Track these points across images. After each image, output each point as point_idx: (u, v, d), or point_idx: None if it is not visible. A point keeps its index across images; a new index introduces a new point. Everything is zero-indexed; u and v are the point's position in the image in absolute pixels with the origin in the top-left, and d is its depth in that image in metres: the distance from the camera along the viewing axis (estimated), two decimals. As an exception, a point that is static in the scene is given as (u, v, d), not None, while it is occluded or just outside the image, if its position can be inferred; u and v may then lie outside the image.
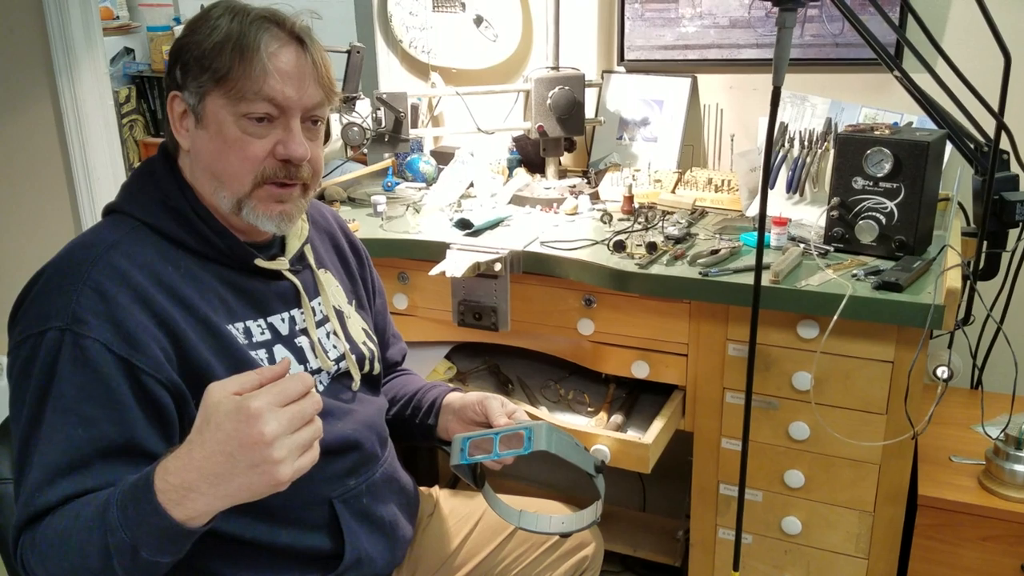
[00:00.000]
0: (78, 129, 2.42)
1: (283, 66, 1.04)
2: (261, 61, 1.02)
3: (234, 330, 1.08)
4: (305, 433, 0.85)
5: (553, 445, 1.11)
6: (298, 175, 1.08)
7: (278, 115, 1.05)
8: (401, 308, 1.82)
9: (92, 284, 0.98)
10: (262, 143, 1.05)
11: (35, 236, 2.56)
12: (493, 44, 2.17)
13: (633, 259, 1.58)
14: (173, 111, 1.07)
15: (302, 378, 0.86)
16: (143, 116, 3.95)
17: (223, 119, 1.04)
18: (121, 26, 3.86)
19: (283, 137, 1.06)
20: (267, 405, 0.82)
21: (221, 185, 1.07)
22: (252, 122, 1.04)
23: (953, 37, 1.80)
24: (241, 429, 0.81)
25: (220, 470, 0.83)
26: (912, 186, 1.49)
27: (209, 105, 1.04)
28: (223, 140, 1.04)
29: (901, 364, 1.43)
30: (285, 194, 1.09)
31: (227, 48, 1.02)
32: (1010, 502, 1.45)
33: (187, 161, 1.10)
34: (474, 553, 1.36)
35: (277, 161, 1.06)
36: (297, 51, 1.06)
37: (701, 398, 1.62)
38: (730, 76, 2.04)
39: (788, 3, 1.13)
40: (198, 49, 1.04)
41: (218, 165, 1.06)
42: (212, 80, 1.03)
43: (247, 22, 1.04)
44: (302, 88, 1.05)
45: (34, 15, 2.33)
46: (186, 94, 1.06)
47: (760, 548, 1.65)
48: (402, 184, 2.12)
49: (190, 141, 1.07)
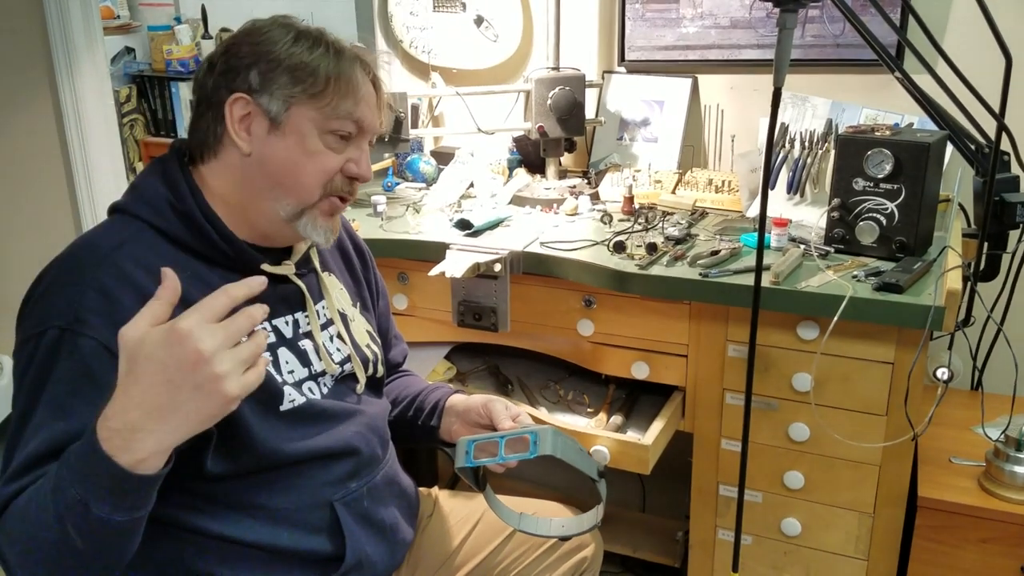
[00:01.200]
0: (79, 128, 2.41)
1: (368, 95, 1.11)
2: (359, 90, 1.09)
3: None
4: (246, 348, 0.80)
5: (559, 449, 1.12)
6: (354, 190, 1.14)
7: (356, 136, 1.10)
8: (401, 308, 1.82)
9: (96, 285, 0.98)
10: (337, 159, 1.10)
11: (36, 235, 2.56)
12: (494, 44, 2.16)
13: (633, 260, 1.58)
14: (235, 113, 1.06)
15: (225, 291, 0.80)
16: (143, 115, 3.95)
17: (308, 131, 1.07)
18: (122, 25, 3.86)
19: (355, 156, 1.11)
20: (197, 323, 0.77)
21: (285, 193, 1.08)
22: (335, 138, 1.09)
23: (954, 38, 1.80)
24: (175, 352, 0.76)
25: (163, 400, 0.77)
26: (912, 187, 1.49)
27: (295, 115, 1.06)
28: (303, 150, 1.07)
29: (901, 365, 1.43)
30: (341, 207, 1.14)
31: (322, 69, 1.06)
32: (1010, 504, 1.45)
33: (226, 163, 1.09)
34: (473, 554, 1.36)
35: (344, 177, 1.11)
36: (371, 82, 1.13)
37: (701, 399, 1.62)
38: (731, 77, 2.04)
39: (789, 4, 1.13)
40: (291, 59, 1.06)
41: (290, 174, 1.07)
42: (306, 92, 1.05)
43: (338, 46, 1.09)
44: (378, 116, 1.13)
45: (35, 15, 2.33)
46: (266, 99, 1.05)
47: (760, 549, 1.65)
48: (402, 184, 2.12)
49: (255, 146, 1.07)
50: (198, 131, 1.10)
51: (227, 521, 1.07)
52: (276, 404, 1.09)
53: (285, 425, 1.09)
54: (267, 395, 1.08)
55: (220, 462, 1.04)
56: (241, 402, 1.02)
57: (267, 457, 1.07)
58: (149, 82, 3.88)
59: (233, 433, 1.04)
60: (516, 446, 1.13)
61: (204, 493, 1.05)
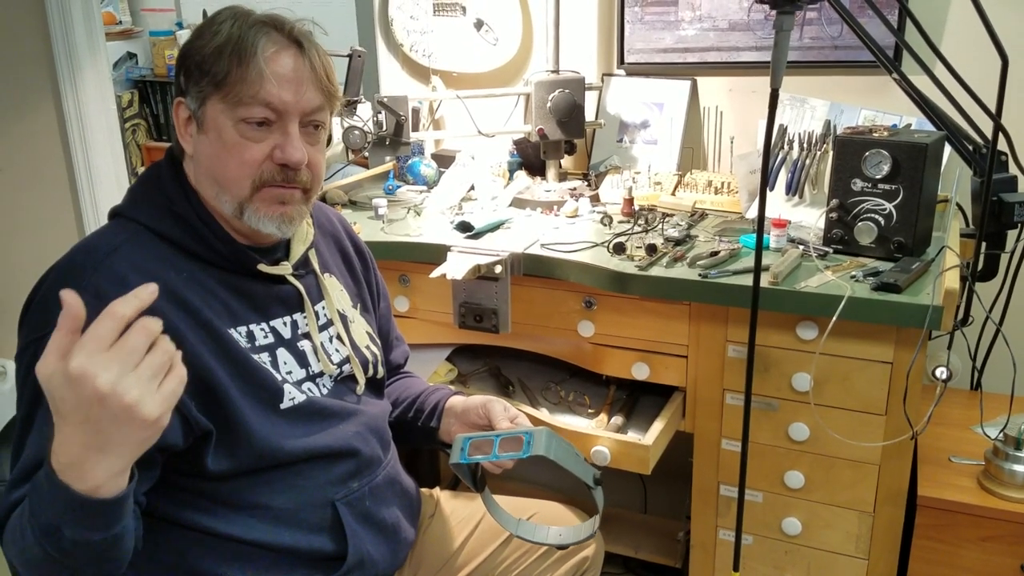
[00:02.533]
0: (81, 133, 2.43)
1: (280, 70, 1.04)
2: (258, 65, 1.03)
3: (236, 334, 1.09)
4: (150, 360, 0.76)
5: (552, 451, 1.12)
6: (296, 179, 1.09)
7: (276, 119, 1.06)
8: (402, 310, 1.83)
9: (93, 289, 0.98)
10: (260, 147, 1.06)
11: (39, 240, 2.57)
12: (494, 48, 2.17)
13: (633, 261, 1.58)
14: (179, 117, 1.09)
15: (109, 312, 0.75)
16: (146, 120, 3.97)
17: (222, 124, 1.05)
18: (124, 31, 3.88)
19: (281, 141, 1.06)
20: (87, 358, 0.73)
21: (222, 189, 1.08)
22: (250, 126, 1.05)
23: (951, 39, 1.81)
24: (79, 393, 0.74)
25: (90, 437, 0.77)
26: (911, 188, 1.50)
27: (209, 110, 1.06)
28: (222, 145, 1.06)
29: (900, 365, 1.44)
30: (286, 194, 1.09)
31: (225, 53, 1.03)
32: (1009, 502, 1.45)
33: (191, 166, 1.11)
34: (475, 554, 1.36)
35: (275, 165, 1.07)
36: (295, 55, 1.06)
37: (701, 399, 1.63)
38: (729, 79, 2.05)
39: (785, 6, 1.14)
40: (199, 55, 1.05)
41: (218, 170, 1.07)
42: (211, 85, 1.04)
43: (246, 26, 1.05)
44: (300, 92, 1.06)
45: (37, 20, 2.34)
46: (188, 99, 1.07)
47: (760, 549, 1.66)
48: (403, 187, 2.13)
49: (193, 146, 1.09)
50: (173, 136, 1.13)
51: (229, 520, 1.08)
52: (276, 402, 1.10)
53: (286, 423, 1.10)
54: (267, 393, 1.09)
55: (221, 460, 1.04)
56: (240, 401, 1.04)
57: (267, 455, 1.07)
58: (151, 87, 3.90)
59: (233, 431, 1.05)
60: (510, 445, 1.13)
61: (206, 492, 1.06)
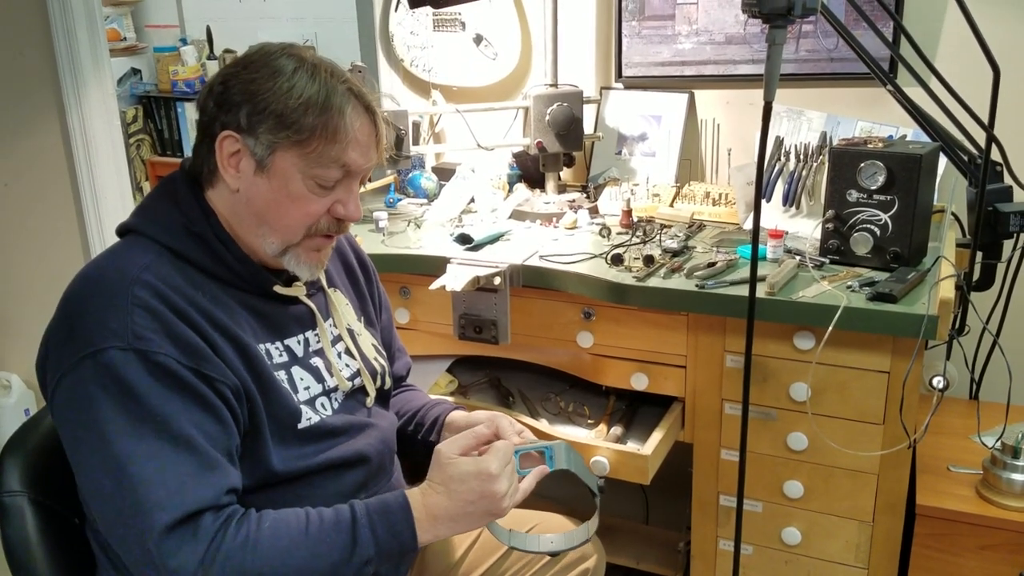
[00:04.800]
0: (85, 149, 2.45)
1: (361, 137, 1.08)
2: (347, 133, 1.05)
3: (259, 351, 1.10)
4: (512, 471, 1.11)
5: (572, 463, 1.15)
6: (343, 230, 1.14)
7: (343, 179, 1.09)
8: (402, 322, 1.84)
9: (139, 303, 0.98)
10: (323, 202, 1.09)
11: (43, 256, 2.59)
12: (493, 62, 2.20)
13: (631, 272, 1.60)
14: (226, 150, 1.06)
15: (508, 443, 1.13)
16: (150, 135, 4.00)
17: (292, 175, 1.06)
18: (128, 47, 3.92)
19: (343, 198, 1.10)
20: (499, 467, 1.07)
21: (272, 231, 1.09)
22: (321, 184, 1.07)
23: (945, 52, 1.83)
24: (485, 487, 1.06)
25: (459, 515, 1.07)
26: (906, 198, 1.51)
27: (279, 160, 1.05)
28: (287, 194, 1.06)
29: (897, 374, 1.44)
30: (328, 243, 1.14)
31: (312, 111, 1.04)
32: (1008, 511, 1.45)
33: (227, 197, 1.10)
34: (477, 565, 1.37)
35: (332, 218, 1.11)
36: (370, 122, 1.10)
37: (700, 409, 1.63)
38: (726, 92, 2.06)
39: (778, 20, 1.16)
40: (278, 104, 1.03)
41: (273, 214, 1.08)
42: (291, 139, 1.04)
43: (331, 87, 1.05)
44: (371, 157, 1.10)
45: (42, 37, 2.37)
46: (251, 141, 1.05)
47: (760, 559, 1.66)
48: (404, 200, 2.15)
49: (242, 183, 1.07)
50: (199, 155, 1.11)
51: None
52: (295, 423, 1.11)
53: (300, 442, 1.12)
54: (286, 413, 1.10)
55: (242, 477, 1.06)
56: (264, 419, 1.08)
57: (282, 474, 1.09)
58: (155, 103, 3.93)
59: (255, 450, 1.07)
60: (531, 462, 1.15)
61: None
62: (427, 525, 1.05)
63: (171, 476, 0.95)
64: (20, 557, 1.08)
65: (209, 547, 0.95)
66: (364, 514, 1.04)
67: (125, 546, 0.96)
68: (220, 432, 1.00)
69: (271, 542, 0.98)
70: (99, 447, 0.96)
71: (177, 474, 0.95)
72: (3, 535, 1.09)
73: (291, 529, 1.01)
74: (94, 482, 0.97)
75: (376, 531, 1.03)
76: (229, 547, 0.96)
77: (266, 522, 1.00)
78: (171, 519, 0.94)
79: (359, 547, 1.01)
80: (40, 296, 0.93)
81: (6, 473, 1.11)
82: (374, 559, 1.02)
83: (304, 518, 1.03)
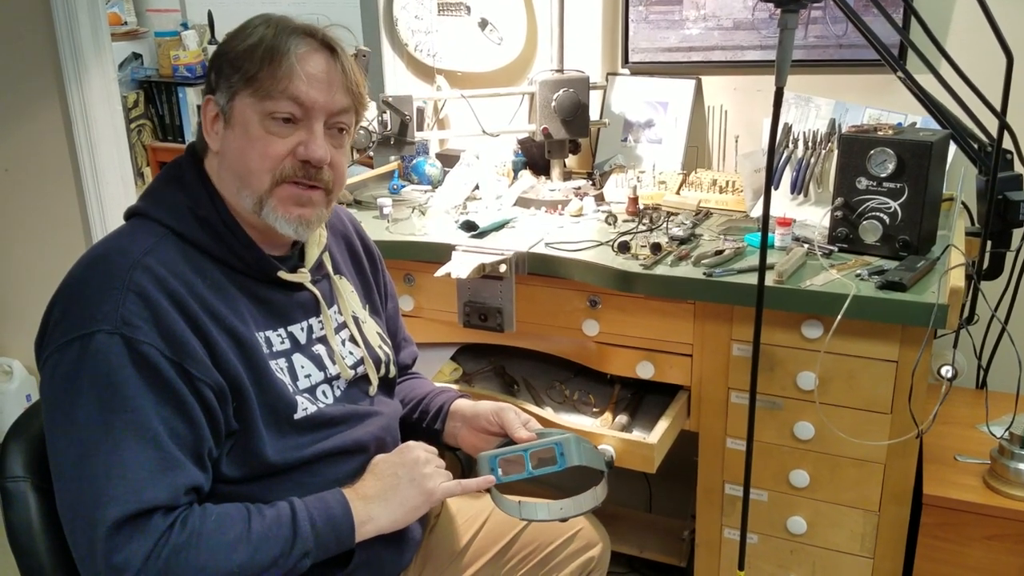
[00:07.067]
0: (87, 134, 2.44)
1: (311, 69, 1.07)
2: (289, 61, 1.05)
3: (257, 340, 1.09)
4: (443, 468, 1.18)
5: (584, 457, 1.14)
6: (318, 178, 1.10)
7: (302, 117, 1.07)
8: (407, 310, 1.84)
9: (135, 288, 0.98)
10: (284, 142, 1.07)
11: (44, 242, 2.58)
12: (498, 47, 2.18)
13: (637, 260, 1.59)
14: (207, 115, 1.10)
15: None
16: (151, 120, 3.98)
17: (249, 118, 1.06)
18: (129, 31, 3.89)
19: (305, 138, 1.08)
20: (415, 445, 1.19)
21: (243, 184, 1.08)
22: (276, 122, 1.06)
23: (956, 38, 1.81)
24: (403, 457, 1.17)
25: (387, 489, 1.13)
26: (915, 186, 1.49)
27: (237, 105, 1.07)
28: (247, 138, 1.07)
29: (905, 363, 1.43)
30: (305, 196, 1.10)
31: (258, 51, 1.06)
32: (1015, 501, 1.45)
33: (215, 163, 1.11)
34: (481, 553, 1.37)
35: (297, 161, 1.08)
36: (327, 58, 1.09)
37: (706, 398, 1.63)
38: (734, 78, 2.05)
39: (789, 4, 1.14)
40: (232, 53, 1.07)
41: (241, 163, 1.08)
42: (241, 80, 1.06)
43: (280, 29, 1.07)
44: (329, 92, 1.08)
45: (43, 21, 2.35)
46: (218, 95, 1.08)
47: (765, 548, 1.65)
48: (408, 187, 2.13)
49: (219, 143, 1.10)
50: (199, 132, 1.14)
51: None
52: (290, 413, 1.10)
53: (296, 433, 1.11)
54: (282, 404, 1.10)
55: (235, 467, 1.06)
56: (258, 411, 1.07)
57: (278, 464, 1.09)
58: (156, 87, 3.90)
59: (248, 440, 1.06)
60: (543, 460, 1.15)
61: (220, 493, 1.07)
62: (360, 506, 1.09)
63: (131, 472, 0.94)
64: (24, 542, 1.07)
65: (156, 543, 0.94)
66: (303, 507, 1.05)
67: (72, 532, 0.96)
68: (188, 432, 0.99)
69: (215, 537, 0.98)
70: (68, 430, 0.96)
71: (137, 471, 0.95)
72: (7, 520, 1.09)
73: (235, 524, 1.00)
74: (58, 464, 0.98)
75: (315, 522, 1.04)
76: (176, 542, 0.95)
77: (211, 517, 0.99)
78: (122, 514, 0.93)
79: (299, 539, 1.03)
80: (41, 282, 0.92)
81: (9, 459, 1.10)
82: (312, 551, 1.04)
83: (246, 513, 1.02)
